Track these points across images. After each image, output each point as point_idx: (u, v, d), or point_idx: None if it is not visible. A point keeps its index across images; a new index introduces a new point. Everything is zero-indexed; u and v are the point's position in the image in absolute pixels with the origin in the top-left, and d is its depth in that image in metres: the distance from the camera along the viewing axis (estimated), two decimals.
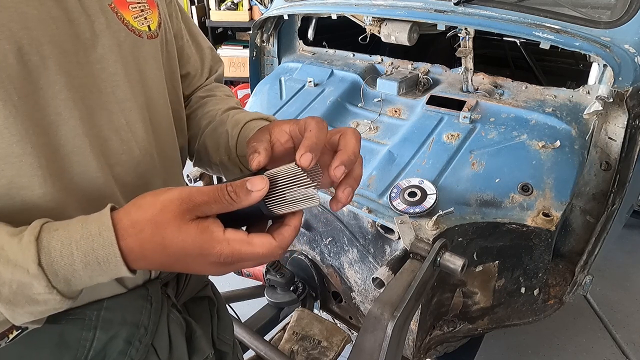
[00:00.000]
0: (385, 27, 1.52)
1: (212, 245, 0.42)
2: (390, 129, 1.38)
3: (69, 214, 0.48)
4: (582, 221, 1.25)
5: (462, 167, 1.17)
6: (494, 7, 1.36)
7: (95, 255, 0.41)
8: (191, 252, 0.43)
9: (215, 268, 0.45)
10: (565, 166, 1.15)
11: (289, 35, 1.89)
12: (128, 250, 0.42)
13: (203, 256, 0.43)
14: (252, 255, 0.44)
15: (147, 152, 0.57)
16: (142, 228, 0.42)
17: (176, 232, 0.42)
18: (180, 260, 0.44)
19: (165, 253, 0.43)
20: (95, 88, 0.50)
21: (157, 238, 0.42)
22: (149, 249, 0.42)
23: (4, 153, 0.43)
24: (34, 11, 0.44)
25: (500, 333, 1.96)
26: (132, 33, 0.54)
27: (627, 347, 1.86)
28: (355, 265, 1.25)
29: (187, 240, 0.42)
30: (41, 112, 0.45)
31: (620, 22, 1.24)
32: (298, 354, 1.26)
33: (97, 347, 0.53)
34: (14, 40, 0.42)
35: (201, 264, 0.44)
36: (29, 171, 0.45)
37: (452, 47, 1.41)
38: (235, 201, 0.43)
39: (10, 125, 0.43)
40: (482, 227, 1.08)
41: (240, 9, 3.51)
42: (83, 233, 0.41)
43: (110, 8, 0.52)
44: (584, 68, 1.75)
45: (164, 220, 0.42)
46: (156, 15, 0.59)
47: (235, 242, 0.43)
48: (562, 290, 1.22)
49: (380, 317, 0.82)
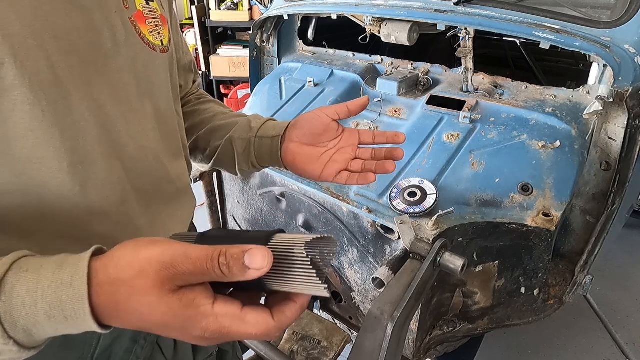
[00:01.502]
0: (385, 27, 1.52)
1: (198, 320, 0.37)
2: (390, 129, 1.37)
3: (84, 217, 0.49)
4: (582, 221, 1.25)
5: (462, 167, 1.17)
6: (494, 7, 1.36)
7: (62, 309, 0.36)
8: (172, 325, 0.38)
9: (199, 341, 0.39)
10: (565, 166, 1.15)
11: (289, 35, 1.89)
12: (101, 307, 0.37)
13: (185, 329, 0.38)
14: (243, 334, 0.38)
15: (158, 159, 0.59)
16: (118, 288, 0.37)
17: (155, 302, 0.37)
18: (160, 330, 0.39)
19: (140, 319, 0.38)
20: (114, 97, 0.52)
21: (134, 304, 0.37)
22: (123, 311, 0.37)
23: (28, 154, 0.44)
24: (61, 21, 0.45)
25: (500, 333, 1.96)
26: (147, 46, 0.57)
27: (627, 347, 1.86)
28: (355, 265, 1.25)
29: (167, 313, 0.37)
30: (69, 118, 0.47)
31: (620, 22, 1.24)
32: (298, 354, 1.26)
33: (103, 345, 0.53)
34: (45, 48, 0.44)
35: (183, 336, 0.39)
36: (49, 173, 0.46)
37: (452, 47, 1.41)
38: (227, 276, 0.36)
39: (35, 129, 0.44)
40: (482, 227, 1.08)
41: (240, 9, 3.51)
42: (53, 280, 0.37)
43: (131, 22, 0.54)
44: (584, 68, 1.75)
45: (141, 287, 0.36)
46: (167, 30, 0.62)
47: (224, 319, 0.37)
48: (562, 290, 1.22)
49: (380, 317, 0.82)
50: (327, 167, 0.69)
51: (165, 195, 0.61)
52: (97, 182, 0.50)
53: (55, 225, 0.48)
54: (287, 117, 1.50)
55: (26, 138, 0.44)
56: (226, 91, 3.79)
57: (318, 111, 0.68)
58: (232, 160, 0.74)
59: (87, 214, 0.50)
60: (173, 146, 0.64)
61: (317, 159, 0.69)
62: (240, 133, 0.73)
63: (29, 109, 0.43)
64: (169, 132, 0.63)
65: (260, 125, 0.73)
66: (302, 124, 0.69)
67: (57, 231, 0.48)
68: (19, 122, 0.43)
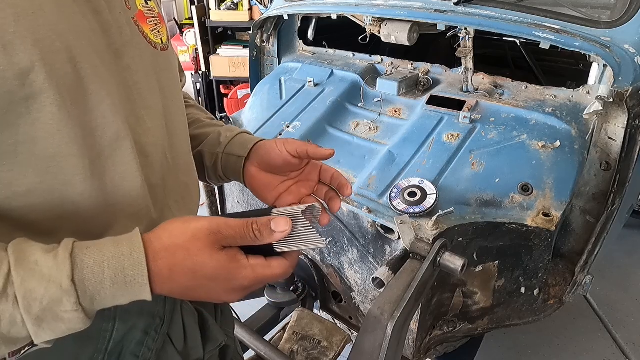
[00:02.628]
0: (385, 27, 1.52)
1: (240, 271, 0.49)
2: (390, 129, 1.38)
3: (102, 211, 0.51)
4: (582, 221, 1.25)
5: (462, 167, 1.17)
6: (494, 7, 1.36)
7: (124, 275, 0.44)
8: (220, 276, 0.48)
9: (234, 293, 0.50)
10: (565, 166, 1.15)
11: (289, 35, 1.89)
12: (157, 271, 0.45)
13: (229, 281, 0.49)
14: (271, 276, 0.51)
15: (165, 156, 0.61)
16: (174, 252, 0.46)
17: (208, 259, 0.47)
18: (204, 286, 0.48)
19: (193, 277, 0.47)
20: (126, 94, 0.54)
21: (188, 263, 0.46)
22: (178, 272, 0.46)
23: (53, 153, 0.46)
24: (80, 24, 0.47)
25: (500, 333, 1.96)
26: (150, 45, 0.58)
27: (627, 347, 1.86)
28: (355, 265, 1.25)
29: (218, 266, 0.47)
30: (89, 116, 0.48)
31: (620, 22, 1.24)
32: (298, 354, 1.26)
33: (116, 338, 0.55)
34: (69, 50, 0.45)
35: (224, 289, 0.49)
36: (72, 170, 0.48)
37: (452, 47, 1.41)
38: (259, 239, 0.49)
39: (62, 128, 0.45)
40: (482, 227, 1.08)
41: (240, 9, 3.50)
42: (115, 252, 0.44)
43: (133, 21, 0.55)
44: (584, 68, 1.75)
45: (196, 248, 0.47)
46: (165, 29, 0.63)
47: (258, 267, 0.50)
48: (562, 290, 1.22)
49: (380, 317, 0.82)
50: (282, 197, 0.69)
51: (174, 190, 0.63)
52: (115, 176, 0.52)
53: (76, 223, 0.50)
54: (287, 117, 1.50)
55: (53, 138, 0.45)
56: (226, 91, 3.79)
57: (280, 144, 0.67)
58: (202, 171, 0.77)
59: (106, 209, 0.52)
60: (181, 142, 0.66)
61: (274, 188, 0.70)
62: (210, 147, 0.75)
63: (57, 110, 0.44)
64: (177, 129, 0.64)
65: (228, 140, 0.74)
66: (262, 152, 0.70)
67: (77, 229, 0.50)
68: (47, 123, 0.44)
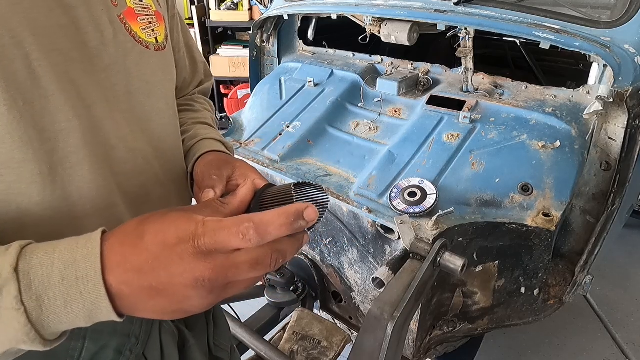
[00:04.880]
0: (385, 27, 1.52)
1: (188, 224, 0.38)
2: (390, 129, 1.38)
3: (67, 223, 0.47)
4: (582, 221, 1.25)
5: (462, 167, 1.17)
6: (494, 7, 1.36)
7: (76, 268, 0.37)
8: (168, 237, 0.38)
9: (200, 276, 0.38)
10: (565, 166, 1.15)
11: (289, 35, 1.89)
12: (112, 267, 0.38)
13: (180, 243, 0.38)
14: (223, 231, 0.38)
15: (148, 162, 0.57)
16: (126, 229, 0.40)
17: (159, 218, 0.40)
18: (158, 259, 0.38)
19: (144, 247, 0.38)
20: (101, 97, 0.50)
21: (138, 231, 0.39)
22: (127, 243, 0.38)
23: (5, 158, 0.42)
24: (43, 18, 0.44)
25: (500, 333, 1.96)
26: (139, 44, 0.55)
27: (627, 347, 1.86)
28: (355, 265, 1.25)
29: (165, 221, 0.39)
30: (49, 119, 0.45)
31: (620, 22, 1.24)
32: (298, 354, 1.26)
33: (85, 357, 0.51)
34: (22, 47, 0.42)
35: (182, 265, 0.38)
36: (28, 177, 0.44)
37: (452, 47, 1.41)
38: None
39: (13, 131, 0.42)
40: (482, 227, 1.08)
41: (240, 9, 3.51)
42: (70, 243, 0.38)
43: (120, 19, 0.52)
44: (584, 68, 1.75)
45: (149, 216, 0.41)
46: (163, 28, 0.60)
47: (210, 221, 0.39)
48: (562, 290, 1.22)
49: (380, 317, 0.82)
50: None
51: (155, 198, 0.59)
52: (82, 185, 0.48)
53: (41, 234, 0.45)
54: (287, 117, 1.50)
55: (3, 141, 0.42)
56: (226, 91, 3.79)
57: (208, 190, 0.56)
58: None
59: (70, 219, 0.48)
60: (171, 147, 0.62)
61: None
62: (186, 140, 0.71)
63: (6, 110, 0.41)
64: (164, 133, 0.61)
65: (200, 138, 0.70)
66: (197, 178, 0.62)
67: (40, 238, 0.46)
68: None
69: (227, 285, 0.40)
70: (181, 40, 0.76)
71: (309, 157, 1.37)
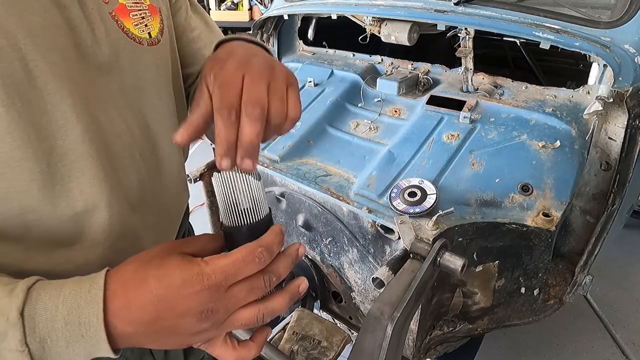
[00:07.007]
0: (385, 27, 1.52)
1: (192, 266, 0.41)
2: (390, 129, 1.38)
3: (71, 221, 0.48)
4: (582, 221, 1.25)
5: (462, 167, 1.17)
6: (494, 7, 1.36)
7: (79, 314, 0.39)
8: (173, 280, 0.40)
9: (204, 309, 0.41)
10: (565, 166, 1.15)
11: (289, 35, 1.89)
12: (115, 313, 0.40)
13: (186, 285, 0.40)
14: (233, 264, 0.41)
15: (146, 157, 0.58)
16: (126, 275, 0.41)
17: (160, 263, 0.42)
18: (164, 301, 0.40)
19: (147, 289, 0.40)
20: (96, 95, 0.51)
21: (139, 275, 0.41)
22: (131, 287, 0.40)
23: (5, 157, 0.43)
24: (39, 19, 0.44)
25: (500, 333, 1.96)
26: (132, 41, 0.55)
27: (627, 347, 1.86)
28: (355, 265, 1.25)
29: (168, 267, 0.41)
30: (47, 118, 0.45)
31: (620, 22, 1.24)
32: (298, 354, 1.26)
33: None
34: (19, 47, 0.42)
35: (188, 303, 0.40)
36: (28, 175, 0.45)
37: (452, 47, 1.41)
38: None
39: (12, 131, 0.43)
40: (482, 227, 1.08)
41: (240, 9, 3.51)
42: (74, 288, 0.40)
43: (111, 16, 0.52)
44: (584, 68, 1.75)
45: (148, 257, 0.42)
46: (157, 21, 0.59)
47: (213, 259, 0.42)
48: (562, 290, 1.22)
49: (380, 317, 0.82)
50: None
51: (153, 192, 0.60)
52: (81, 181, 0.49)
53: (43, 230, 0.47)
54: None
55: (3, 141, 0.42)
56: None
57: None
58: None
59: (71, 215, 0.49)
60: (165, 142, 0.62)
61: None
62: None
63: (4, 111, 0.42)
64: (161, 128, 0.61)
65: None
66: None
67: (44, 236, 0.48)
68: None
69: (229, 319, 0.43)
70: (194, 19, 0.74)
71: (309, 157, 1.37)
